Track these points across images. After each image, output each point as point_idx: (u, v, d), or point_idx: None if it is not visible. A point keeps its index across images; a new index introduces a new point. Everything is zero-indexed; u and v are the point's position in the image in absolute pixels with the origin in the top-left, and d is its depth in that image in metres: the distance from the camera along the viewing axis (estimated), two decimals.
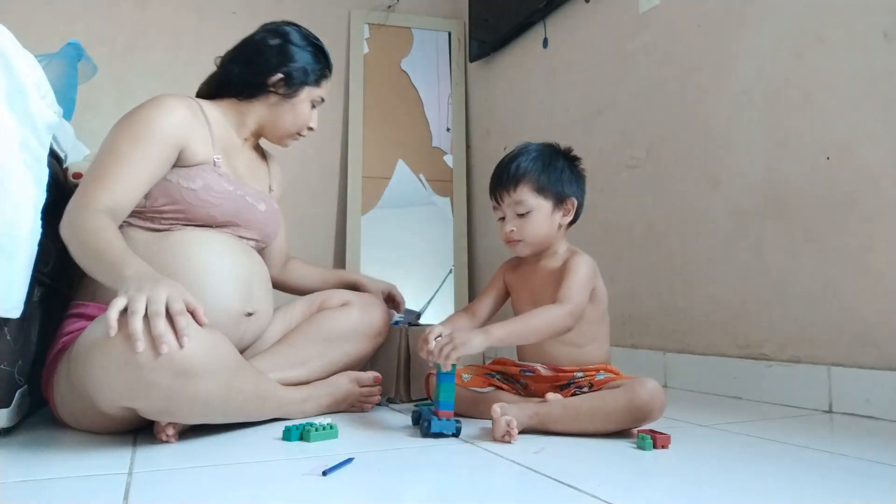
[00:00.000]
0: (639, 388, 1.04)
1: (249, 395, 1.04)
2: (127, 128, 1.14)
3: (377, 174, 2.80)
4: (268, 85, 1.31)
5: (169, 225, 1.16)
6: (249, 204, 1.25)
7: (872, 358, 1.31)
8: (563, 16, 2.29)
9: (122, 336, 0.85)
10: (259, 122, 1.34)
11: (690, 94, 1.77)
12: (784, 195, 1.50)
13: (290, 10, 2.75)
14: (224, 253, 1.18)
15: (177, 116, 1.17)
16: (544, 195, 1.21)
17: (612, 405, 1.05)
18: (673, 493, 0.79)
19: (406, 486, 0.81)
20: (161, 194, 1.15)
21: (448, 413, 1.07)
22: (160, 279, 0.92)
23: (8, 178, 0.93)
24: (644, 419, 1.05)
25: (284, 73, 1.31)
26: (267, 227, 1.31)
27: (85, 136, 1.78)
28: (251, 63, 1.31)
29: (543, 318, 1.13)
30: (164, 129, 1.14)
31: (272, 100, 1.32)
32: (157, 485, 0.79)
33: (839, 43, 1.40)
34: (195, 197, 1.16)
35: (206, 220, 1.18)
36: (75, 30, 2.38)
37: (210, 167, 1.20)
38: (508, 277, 1.34)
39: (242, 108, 1.32)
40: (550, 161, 1.23)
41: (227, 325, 1.15)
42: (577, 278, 1.18)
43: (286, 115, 1.34)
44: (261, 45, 1.32)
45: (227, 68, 1.33)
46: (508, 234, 1.23)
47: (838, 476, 0.86)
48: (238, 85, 1.31)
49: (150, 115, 1.14)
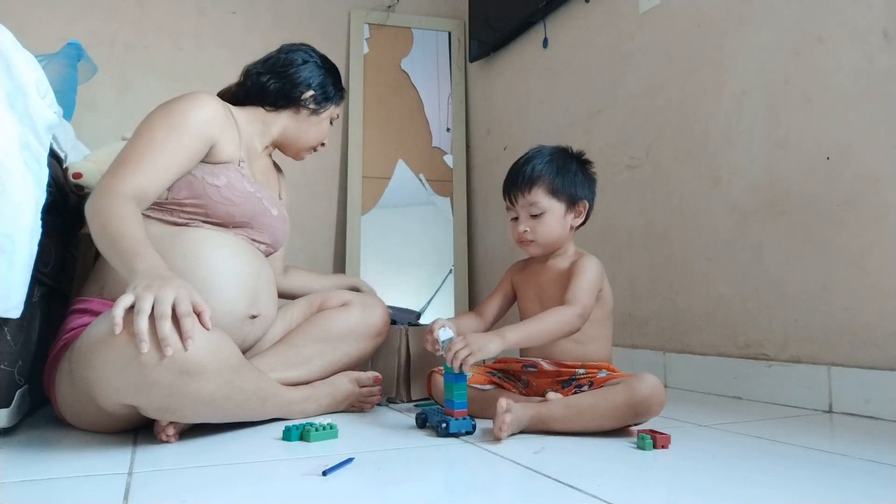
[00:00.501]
0: (638, 384, 1.05)
1: (250, 394, 1.04)
2: (164, 117, 1.16)
3: (377, 174, 2.80)
4: (300, 99, 1.38)
5: (187, 219, 1.18)
6: (266, 207, 1.28)
7: (872, 358, 1.31)
8: (563, 16, 2.30)
9: (126, 334, 0.85)
10: (283, 132, 1.40)
11: (690, 94, 1.77)
12: (784, 195, 1.50)
13: (290, 10, 2.76)
14: (235, 255, 1.19)
15: (212, 112, 1.20)
16: (558, 197, 1.24)
17: (612, 401, 1.05)
18: (673, 493, 0.79)
19: (406, 486, 0.81)
20: (184, 187, 1.17)
21: (463, 412, 1.08)
22: (169, 278, 0.91)
23: (8, 178, 0.93)
24: (644, 414, 1.06)
25: (316, 88, 1.39)
26: (278, 232, 1.33)
27: (85, 136, 1.78)
28: (286, 77, 1.38)
29: (554, 319, 1.15)
30: (200, 122, 1.17)
31: (301, 113, 1.39)
32: (157, 485, 0.79)
33: (839, 43, 1.40)
34: (218, 193, 1.18)
35: (225, 218, 1.20)
36: (75, 30, 2.38)
37: (234, 167, 1.23)
38: (515, 279, 1.37)
39: (269, 118, 1.38)
40: (564, 164, 1.25)
41: (232, 327, 1.15)
42: (585, 280, 1.20)
43: (311, 129, 1.42)
44: (292, 63, 1.39)
45: (258, 79, 1.38)
46: (522, 235, 1.25)
47: (838, 476, 0.86)
48: (271, 96, 1.37)
49: (187, 108, 1.17)
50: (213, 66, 2.64)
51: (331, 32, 2.83)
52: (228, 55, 2.64)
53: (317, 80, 1.40)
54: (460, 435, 1.07)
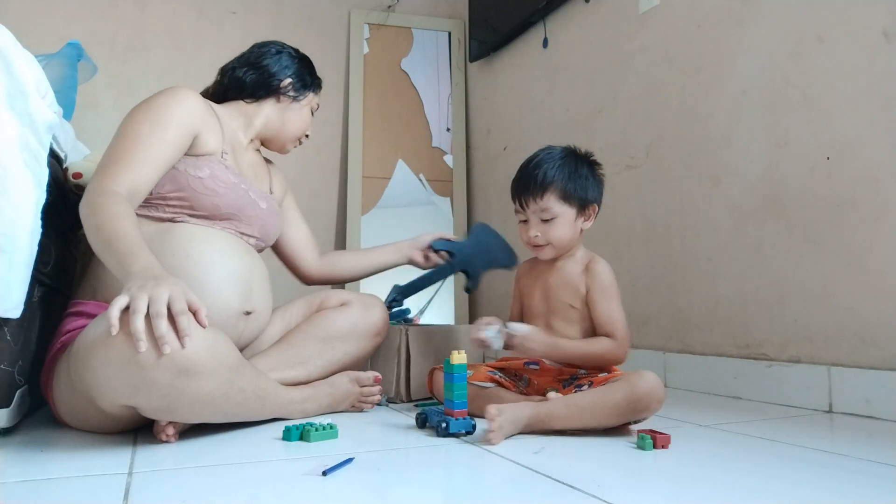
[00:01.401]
0: (638, 381, 1.06)
1: (250, 394, 1.04)
2: (146, 113, 1.16)
3: (377, 174, 2.80)
4: (279, 87, 1.39)
5: (172, 214, 1.17)
6: (252, 199, 1.27)
7: (872, 358, 1.31)
8: (563, 16, 2.29)
9: (123, 335, 0.85)
10: (266, 123, 1.40)
11: (690, 94, 1.77)
12: (784, 195, 1.50)
13: (290, 10, 2.75)
14: (225, 250, 1.19)
15: (193, 104, 1.21)
16: (569, 202, 1.24)
17: (612, 398, 1.06)
18: (673, 493, 0.79)
19: (406, 486, 0.81)
20: (168, 181, 1.17)
21: (463, 412, 1.08)
22: (163, 277, 0.91)
23: (8, 178, 0.93)
24: (644, 411, 1.06)
25: (293, 77, 1.41)
26: (267, 225, 1.33)
27: (85, 136, 1.78)
28: (261, 68, 1.39)
29: (602, 351, 1.21)
30: (182, 114, 1.18)
31: (282, 102, 1.40)
32: (157, 485, 0.79)
33: (839, 43, 1.40)
34: (201, 185, 1.18)
35: (210, 209, 1.19)
36: (75, 30, 2.38)
37: (217, 158, 1.23)
38: (523, 279, 1.37)
39: (250, 110, 1.39)
40: (576, 168, 1.25)
41: (226, 323, 1.15)
42: (612, 301, 1.24)
43: (293, 117, 1.42)
44: (266, 54, 1.41)
45: (234, 73, 1.40)
46: (533, 240, 1.25)
47: (838, 476, 0.86)
48: (249, 87, 1.38)
49: (168, 101, 1.18)
50: (213, 67, 2.61)
51: (331, 32, 2.83)
52: (228, 55, 2.63)
53: (293, 69, 1.41)
54: (460, 435, 1.07)
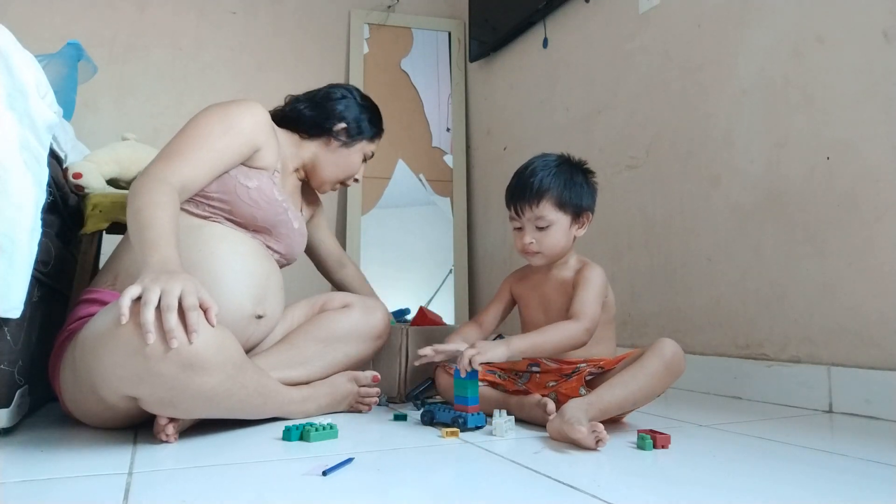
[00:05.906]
0: (662, 347, 1.12)
1: (252, 392, 1.05)
2: (221, 117, 1.21)
3: (377, 174, 2.80)
4: (332, 130, 1.44)
5: (210, 213, 1.21)
6: (289, 219, 1.31)
7: (872, 358, 1.31)
8: (563, 16, 2.30)
9: (132, 325, 0.86)
10: (312, 159, 1.45)
11: (690, 93, 1.77)
12: (784, 195, 1.50)
13: (290, 11, 2.76)
14: (247, 254, 1.22)
15: (263, 119, 1.27)
16: (564, 210, 1.24)
17: (649, 370, 1.10)
18: (673, 493, 0.79)
19: (406, 486, 0.81)
20: (215, 182, 1.21)
21: (476, 408, 1.14)
22: (178, 272, 0.92)
23: (8, 178, 0.93)
24: (678, 372, 1.12)
25: (348, 123, 1.44)
26: (294, 245, 1.37)
27: (85, 136, 1.78)
28: (321, 108, 1.44)
29: (561, 334, 1.19)
30: (253, 127, 1.23)
31: (332, 144, 1.45)
32: (157, 485, 0.79)
33: (839, 43, 1.40)
34: (247, 194, 1.22)
35: (247, 219, 1.23)
36: (75, 30, 2.38)
37: (269, 174, 1.28)
38: (515, 288, 1.38)
39: (301, 142, 1.45)
40: (571, 176, 1.26)
41: (237, 325, 1.16)
42: (591, 292, 1.22)
43: (339, 160, 1.46)
44: (331, 95, 1.46)
45: (296, 106, 1.45)
46: (527, 247, 1.25)
47: (838, 476, 0.86)
48: (305, 123, 1.43)
49: (243, 112, 1.23)
50: (213, 67, 2.65)
51: (331, 32, 2.83)
52: (228, 55, 2.64)
53: (352, 115, 1.45)
54: (478, 429, 1.13)
